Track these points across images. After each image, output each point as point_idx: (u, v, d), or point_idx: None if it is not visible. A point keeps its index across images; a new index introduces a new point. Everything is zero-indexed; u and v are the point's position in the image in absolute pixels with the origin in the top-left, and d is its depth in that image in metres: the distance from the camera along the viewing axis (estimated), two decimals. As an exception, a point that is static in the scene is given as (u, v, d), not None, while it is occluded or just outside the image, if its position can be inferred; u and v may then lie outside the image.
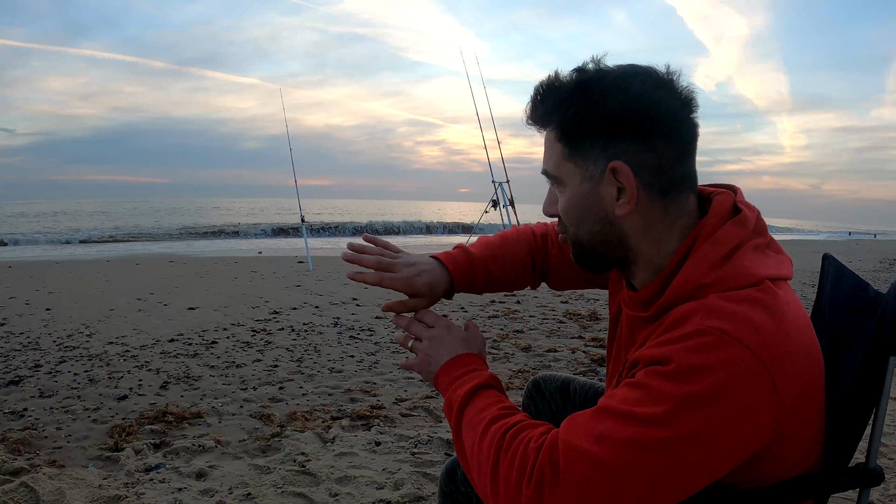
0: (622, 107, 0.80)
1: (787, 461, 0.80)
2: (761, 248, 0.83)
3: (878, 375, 0.87)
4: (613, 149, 0.81)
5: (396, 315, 1.03)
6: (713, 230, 0.81)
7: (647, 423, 0.69)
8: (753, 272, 0.78)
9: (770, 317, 0.73)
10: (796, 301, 0.82)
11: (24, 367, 3.83)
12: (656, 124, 0.80)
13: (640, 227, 0.84)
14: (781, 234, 35.98)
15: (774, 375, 0.71)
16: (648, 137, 0.80)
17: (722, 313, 0.72)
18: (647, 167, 0.81)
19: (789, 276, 0.85)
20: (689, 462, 0.69)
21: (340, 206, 67.65)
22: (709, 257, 0.79)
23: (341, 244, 17.78)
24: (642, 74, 0.82)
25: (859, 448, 0.90)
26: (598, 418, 0.72)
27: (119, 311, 5.77)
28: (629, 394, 0.72)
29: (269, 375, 3.77)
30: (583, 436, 0.71)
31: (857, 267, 11.68)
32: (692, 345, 0.71)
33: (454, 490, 1.18)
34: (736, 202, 0.86)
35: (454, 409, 0.86)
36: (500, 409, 0.82)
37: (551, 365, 4.11)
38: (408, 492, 2.24)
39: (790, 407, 0.74)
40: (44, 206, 44.70)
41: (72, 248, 15.34)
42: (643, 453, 0.68)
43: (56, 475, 2.32)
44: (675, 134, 0.82)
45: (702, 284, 0.78)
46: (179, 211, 42.25)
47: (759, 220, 0.85)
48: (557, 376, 1.40)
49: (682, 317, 0.75)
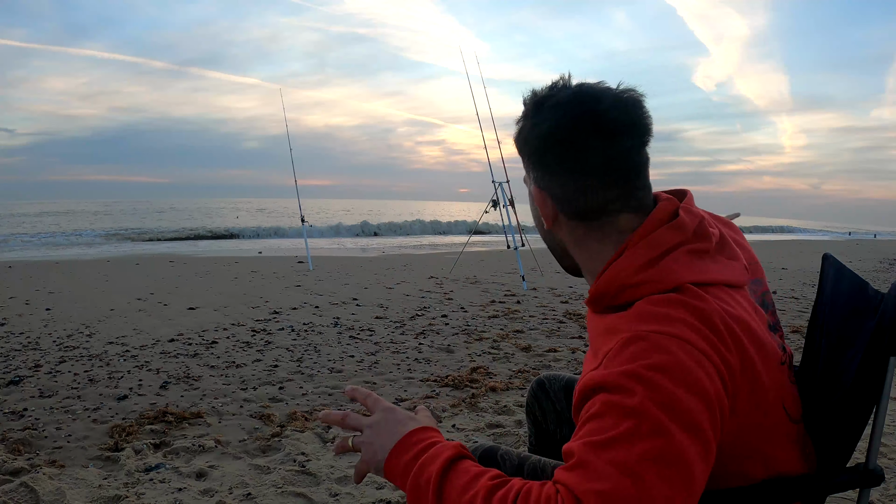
0: (537, 140, 0.88)
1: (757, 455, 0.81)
2: (699, 252, 0.84)
3: (878, 375, 0.87)
4: (534, 173, 0.92)
5: (327, 414, 0.95)
6: (645, 234, 0.84)
7: (642, 436, 0.68)
8: (678, 275, 0.81)
9: (698, 316, 0.76)
10: (738, 304, 0.83)
11: (24, 367, 3.83)
12: (560, 163, 0.86)
13: (570, 241, 0.93)
14: (782, 235, 35.97)
15: (717, 365, 0.74)
16: (555, 173, 0.88)
17: (653, 317, 0.77)
18: (557, 197, 0.89)
19: (735, 282, 0.85)
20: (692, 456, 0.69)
21: (341, 206, 67.66)
22: (636, 259, 0.83)
23: (341, 244, 17.79)
24: (569, 105, 0.85)
25: (859, 448, 0.90)
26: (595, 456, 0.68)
27: (119, 311, 5.77)
28: (601, 423, 0.71)
29: (269, 375, 3.77)
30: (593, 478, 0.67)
31: (857, 267, 11.68)
32: (635, 351, 0.74)
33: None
34: (679, 208, 0.87)
35: (429, 492, 0.74)
36: (491, 478, 0.73)
37: (551, 365, 4.11)
38: (408, 492, 2.24)
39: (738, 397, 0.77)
40: (44, 207, 44.69)
41: (72, 248, 15.34)
42: (656, 467, 0.67)
43: (56, 475, 2.32)
44: (583, 171, 0.85)
45: (626, 285, 0.82)
46: (179, 211, 42.26)
47: (700, 225, 0.86)
48: (562, 376, 1.40)
49: (615, 326, 0.80)
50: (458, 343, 4.71)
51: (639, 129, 0.85)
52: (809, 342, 1.03)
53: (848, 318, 0.96)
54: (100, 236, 19.08)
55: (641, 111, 0.86)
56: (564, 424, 1.35)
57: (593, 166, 0.85)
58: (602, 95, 0.85)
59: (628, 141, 0.85)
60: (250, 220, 30.19)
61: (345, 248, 16.30)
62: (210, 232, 21.07)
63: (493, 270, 9.77)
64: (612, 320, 0.82)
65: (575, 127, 0.84)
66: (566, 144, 0.85)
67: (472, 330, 5.18)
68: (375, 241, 20.22)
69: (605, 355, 0.77)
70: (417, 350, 4.50)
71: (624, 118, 0.84)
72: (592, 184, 0.85)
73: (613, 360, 0.75)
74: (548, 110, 0.86)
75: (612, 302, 0.84)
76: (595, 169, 0.85)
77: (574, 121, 0.84)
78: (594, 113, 0.84)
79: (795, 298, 7.27)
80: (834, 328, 0.97)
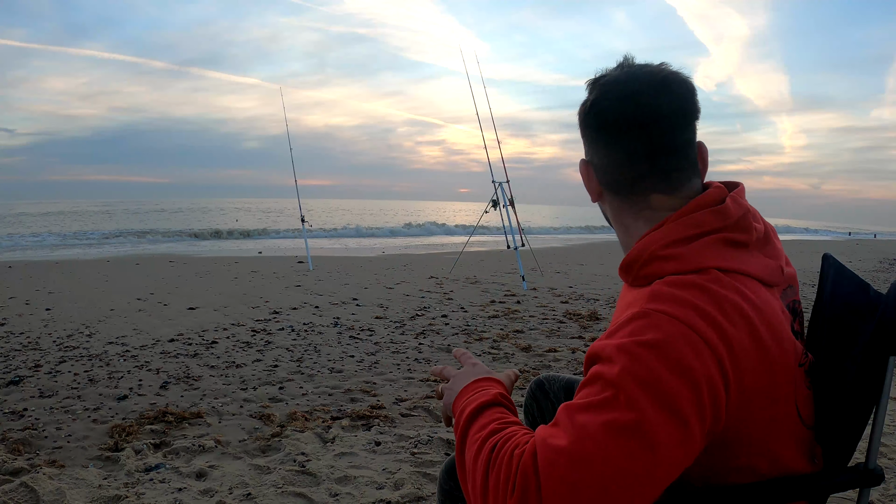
0: (584, 114, 0.94)
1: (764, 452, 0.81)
2: (736, 242, 0.85)
3: (878, 375, 0.87)
4: (587, 146, 0.97)
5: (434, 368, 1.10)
6: (684, 214, 0.86)
7: (613, 408, 0.70)
8: (704, 259, 0.82)
9: (712, 302, 0.77)
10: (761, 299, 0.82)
11: (24, 367, 3.83)
12: (601, 135, 0.92)
13: (610, 213, 0.99)
14: (781, 235, 35.96)
15: (720, 356, 0.74)
16: (599, 145, 0.93)
17: (664, 297, 0.79)
18: (599, 169, 0.95)
19: (766, 280, 0.85)
20: (663, 440, 0.69)
21: (341, 205, 67.67)
22: (672, 234, 0.85)
23: (341, 244, 17.78)
24: (614, 84, 0.90)
25: (859, 448, 0.90)
26: (568, 416, 0.73)
27: (119, 311, 5.77)
28: (589, 389, 0.75)
29: (269, 375, 3.77)
30: (559, 435, 0.71)
31: (857, 267, 11.68)
32: (635, 327, 0.76)
33: (454, 487, 1.18)
34: (727, 196, 0.88)
35: (459, 428, 0.86)
36: (499, 423, 0.82)
37: (551, 365, 4.11)
38: (408, 492, 2.24)
39: (744, 391, 0.76)
40: (44, 207, 44.70)
41: (72, 248, 15.34)
42: (619, 439, 0.68)
43: (56, 475, 2.32)
44: (620, 145, 0.90)
45: (656, 255, 0.85)
46: (180, 211, 42.26)
47: (744, 217, 0.87)
48: (561, 377, 1.40)
49: (634, 300, 0.83)
50: (458, 343, 4.71)
51: (678, 113, 0.88)
52: (809, 342, 1.03)
53: (848, 318, 0.96)
54: (101, 235, 19.07)
55: (684, 94, 0.89)
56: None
57: (625, 143, 0.90)
58: (647, 77, 0.88)
59: (664, 122, 0.87)
60: (250, 220, 30.12)
61: (345, 248, 16.30)
62: (210, 231, 21.00)
63: (493, 270, 9.77)
64: (634, 295, 0.85)
65: (613, 105, 0.89)
66: (603, 120, 0.91)
67: (472, 330, 5.19)
68: (376, 241, 20.21)
69: (615, 327, 0.79)
70: (417, 350, 4.50)
71: (661, 101, 0.87)
72: (623, 160, 0.91)
73: (615, 334, 0.77)
74: (598, 87, 0.92)
75: (641, 271, 0.87)
76: (626, 146, 0.90)
77: (613, 100, 0.89)
78: (633, 93, 0.88)
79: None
80: (834, 328, 0.97)
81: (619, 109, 0.88)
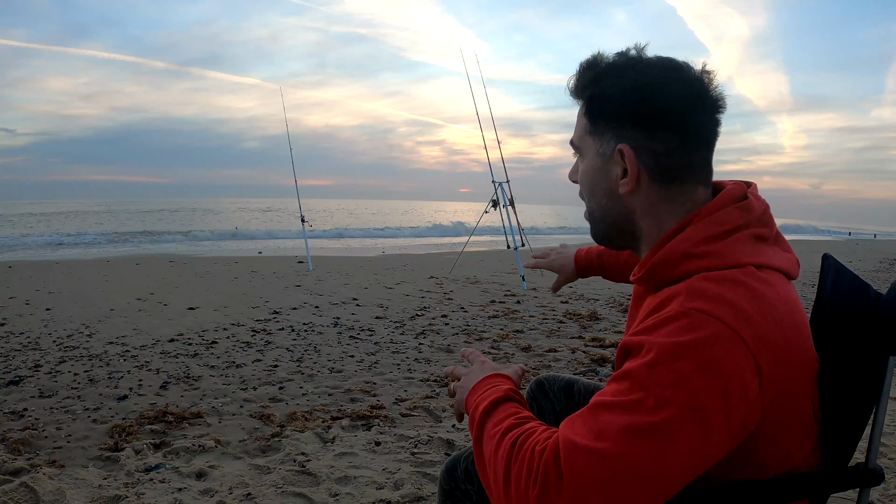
0: (638, 95, 0.86)
1: (779, 449, 0.81)
2: (762, 238, 0.86)
3: (878, 375, 0.87)
4: (624, 131, 0.88)
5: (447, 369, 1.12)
6: (714, 210, 0.85)
7: (639, 410, 0.70)
8: (741, 255, 0.81)
9: (751, 301, 0.76)
10: (789, 296, 0.83)
11: (24, 367, 3.83)
12: (665, 117, 0.86)
13: (641, 207, 0.90)
14: (785, 234, 35.94)
15: (756, 354, 0.73)
16: (656, 128, 0.86)
17: (704, 295, 0.76)
18: (650, 154, 0.87)
19: (790, 274, 0.86)
20: (684, 444, 0.70)
21: (341, 205, 67.68)
22: (703, 231, 0.83)
23: (342, 244, 17.78)
24: (669, 69, 0.87)
25: (859, 448, 0.90)
26: (593, 414, 0.74)
27: (119, 311, 5.77)
28: (618, 386, 0.74)
29: (269, 375, 3.77)
30: (581, 432, 0.72)
31: (857, 267, 11.68)
32: (673, 327, 0.74)
33: (454, 488, 1.18)
34: (746, 192, 0.89)
35: (475, 423, 0.88)
36: (515, 419, 0.83)
37: (551, 365, 4.11)
38: (408, 492, 2.24)
39: (776, 392, 0.76)
40: (44, 207, 44.69)
41: (72, 248, 15.33)
42: (640, 440, 0.69)
43: (56, 475, 2.32)
44: (683, 128, 0.86)
45: (690, 254, 0.82)
46: (180, 212, 42.25)
47: (766, 213, 0.88)
48: (561, 377, 1.40)
49: (668, 298, 0.79)
50: (458, 343, 4.71)
51: (719, 105, 0.88)
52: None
53: (848, 318, 0.96)
54: (100, 235, 19.06)
55: (719, 89, 0.89)
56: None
57: (683, 126, 0.86)
58: (688, 66, 0.88)
59: (713, 111, 0.88)
60: (251, 220, 30.07)
61: (345, 247, 16.29)
62: (210, 231, 20.97)
63: (493, 270, 9.77)
64: (665, 294, 0.81)
65: (671, 86, 0.86)
66: (662, 101, 0.86)
67: (472, 330, 5.19)
68: (375, 241, 20.20)
69: (652, 323, 0.77)
70: (417, 350, 4.50)
71: (709, 89, 0.87)
72: (679, 144, 0.86)
73: (653, 331, 0.76)
74: (644, 68, 0.87)
75: (668, 273, 0.84)
76: (684, 130, 0.86)
77: (670, 82, 0.86)
78: (688, 78, 0.87)
79: (795, 298, 7.27)
80: (834, 328, 0.97)
81: (685, 93, 0.86)
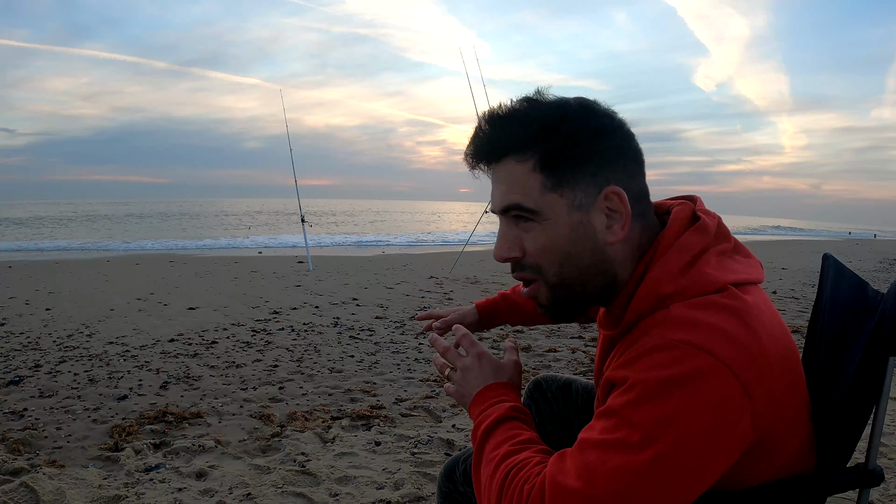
0: (608, 130, 0.81)
1: (775, 462, 0.80)
2: (726, 253, 0.83)
3: (878, 375, 0.86)
4: (605, 173, 0.80)
5: (436, 339, 1.02)
6: (674, 239, 0.81)
7: (627, 448, 0.69)
8: (717, 278, 0.78)
9: (739, 322, 0.73)
10: (767, 304, 0.82)
11: (24, 367, 3.83)
12: (628, 148, 0.83)
13: (623, 253, 0.82)
14: (782, 235, 35.97)
15: (746, 381, 0.70)
16: (627, 159, 0.82)
17: (687, 324, 0.73)
18: (630, 189, 0.81)
19: (759, 280, 0.85)
20: (676, 479, 0.69)
21: (341, 206, 67.69)
22: (670, 266, 0.79)
23: (341, 244, 17.78)
24: (588, 104, 0.83)
25: (859, 448, 0.90)
26: (581, 453, 0.72)
27: (119, 311, 5.77)
28: (604, 423, 0.72)
29: (269, 375, 3.77)
30: (569, 473, 0.71)
31: (857, 267, 11.68)
32: (658, 360, 0.71)
33: (453, 490, 1.18)
34: (695, 211, 0.86)
35: (476, 439, 0.87)
36: (513, 444, 0.81)
37: (551, 365, 4.11)
38: (408, 492, 2.24)
39: (768, 409, 0.74)
40: (45, 208, 44.67)
41: (72, 248, 15.33)
42: (630, 480, 0.68)
43: (56, 475, 2.32)
44: (639, 156, 0.85)
45: (663, 295, 0.78)
46: (179, 212, 42.22)
47: (720, 226, 0.85)
48: (559, 377, 1.39)
49: (647, 329, 0.76)
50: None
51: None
52: (809, 342, 1.03)
53: (848, 318, 0.96)
54: (99, 236, 19.06)
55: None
56: (563, 426, 1.34)
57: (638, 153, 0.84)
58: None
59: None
60: (250, 220, 30.07)
61: (345, 248, 16.29)
62: (211, 231, 20.96)
63: (493, 270, 9.76)
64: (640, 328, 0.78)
65: (614, 117, 0.83)
66: (615, 134, 0.82)
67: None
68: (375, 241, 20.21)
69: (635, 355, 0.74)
70: (417, 350, 4.50)
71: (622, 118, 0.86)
72: (639, 171, 0.84)
73: (634, 364, 0.73)
74: (581, 110, 0.81)
75: (647, 320, 0.78)
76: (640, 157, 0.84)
77: (610, 113, 0.83)
78: (606, 112, 0.83)
79: (795, 298, 7.27)
80: (834, 328, 0.97)
81: (615, 124, 0.83)
